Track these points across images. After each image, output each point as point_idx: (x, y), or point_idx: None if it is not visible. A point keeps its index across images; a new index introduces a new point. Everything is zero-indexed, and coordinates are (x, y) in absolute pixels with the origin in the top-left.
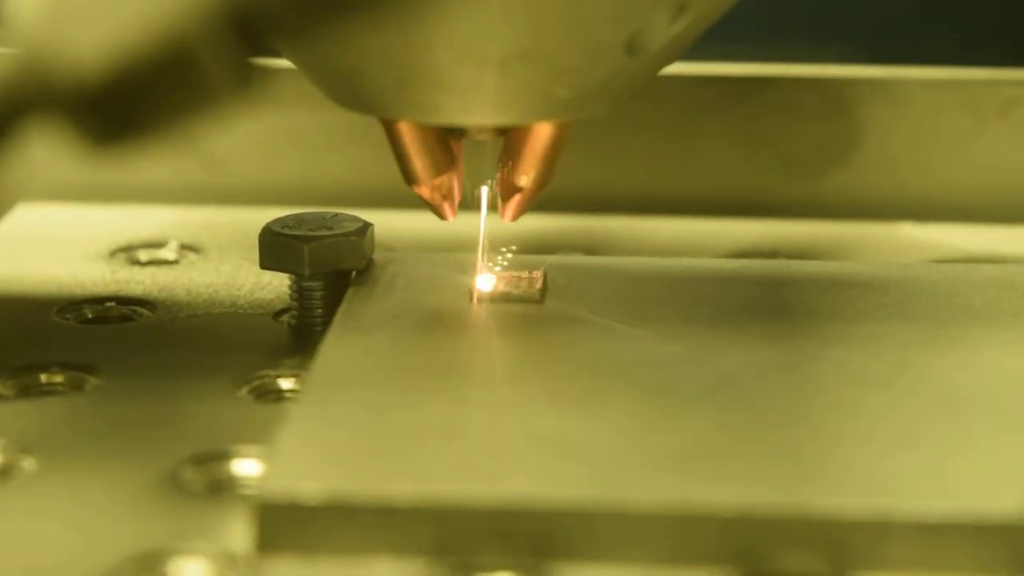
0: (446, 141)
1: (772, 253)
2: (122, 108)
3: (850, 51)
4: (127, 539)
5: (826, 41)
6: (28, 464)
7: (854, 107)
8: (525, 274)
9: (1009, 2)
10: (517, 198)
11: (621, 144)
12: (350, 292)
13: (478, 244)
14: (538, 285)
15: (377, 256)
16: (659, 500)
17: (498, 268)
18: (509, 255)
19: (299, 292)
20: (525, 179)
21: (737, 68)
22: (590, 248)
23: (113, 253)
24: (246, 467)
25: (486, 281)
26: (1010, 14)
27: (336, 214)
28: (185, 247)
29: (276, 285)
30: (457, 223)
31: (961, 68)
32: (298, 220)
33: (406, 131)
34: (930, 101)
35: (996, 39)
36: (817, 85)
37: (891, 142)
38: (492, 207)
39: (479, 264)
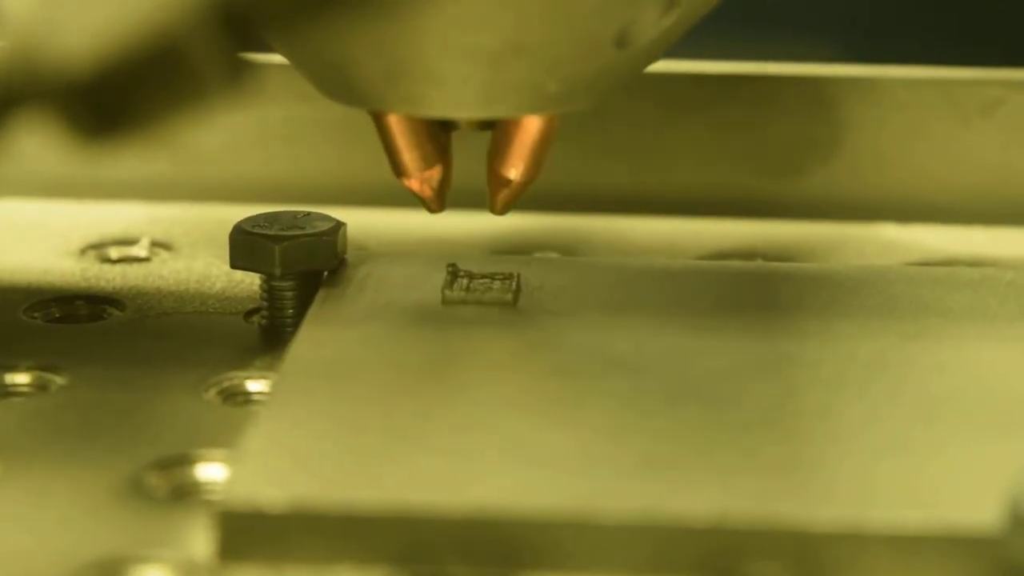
0: (436, 134)
1: (752, 254)
2: (111, 102)
3: (833, 50)
4: (88, 545)
5: (809, 39)
6: None
7: (837, 106)
8: (499, 275)
9: (993, 2)
10: (506, 191)
11: (600, 142)
12: (321, 293)
13: (453, 243)
14: (512, 286)
15: (349, 256)
16: (629, 510)
17: (471, 269)
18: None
19: (270, 292)
20: (515, 172)
21: (719, 66)
22: (567, 248)
23: (83, 250)
24: (211, 472)
25: (459, 282)
26: (994, 14)
27: (308, 213)
28: (157, 244)
29: (248, 284)
30: (432, 221)
31: (944, 68)
32: (270, 219)
33: (395, 124)
34: (913, 100)
35: (980, 38)
36: (799, 84)
37: (874, 142)
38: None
39: (452, 265)
